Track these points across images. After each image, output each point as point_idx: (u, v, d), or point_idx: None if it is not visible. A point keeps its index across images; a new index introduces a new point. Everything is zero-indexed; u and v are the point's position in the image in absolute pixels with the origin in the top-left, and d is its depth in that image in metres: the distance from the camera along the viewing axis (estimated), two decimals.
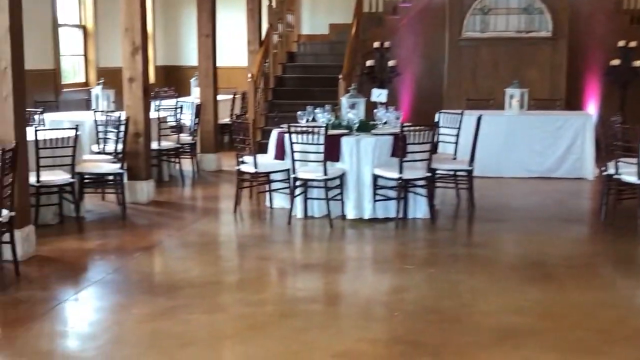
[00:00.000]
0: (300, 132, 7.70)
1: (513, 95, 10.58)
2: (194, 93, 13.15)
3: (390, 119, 8.44)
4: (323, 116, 8.34)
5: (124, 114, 8.67)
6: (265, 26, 13.16)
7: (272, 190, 8.35)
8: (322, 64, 13.82)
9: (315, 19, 15.53)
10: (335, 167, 7.85)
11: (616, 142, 7.56)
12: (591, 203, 8.91)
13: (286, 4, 13.95)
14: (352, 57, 12.26)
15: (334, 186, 7.84)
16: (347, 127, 8.18)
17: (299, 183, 7.79)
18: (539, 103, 11.29)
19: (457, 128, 8.92)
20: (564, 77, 12.38)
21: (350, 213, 7.93)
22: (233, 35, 15.01)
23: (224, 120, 12.97)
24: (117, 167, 7.94)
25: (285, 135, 7.86)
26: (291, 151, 7.74)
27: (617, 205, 7.66)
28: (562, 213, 8.31)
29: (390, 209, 7.92)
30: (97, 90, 10.48)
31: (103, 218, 8.09)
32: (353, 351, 4.51)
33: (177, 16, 16.31)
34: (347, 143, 7.90)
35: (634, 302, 5.50)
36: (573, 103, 12.52)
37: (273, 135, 8.32)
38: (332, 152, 7.82)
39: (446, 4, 12.81)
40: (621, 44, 12.66)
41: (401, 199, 7.79)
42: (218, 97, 12.24)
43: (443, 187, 8.64)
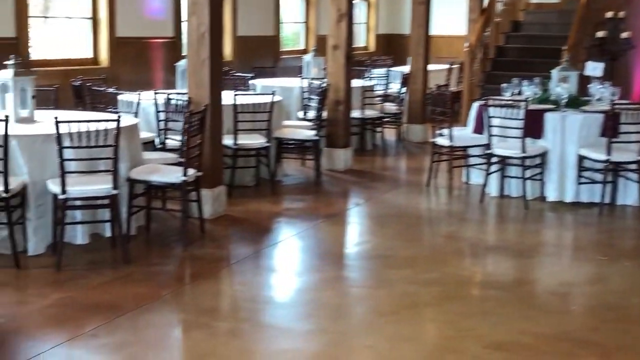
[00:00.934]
0: (499, 106, 7.27)
1: None
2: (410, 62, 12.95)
3: (604, 95, 7.72)
4: (529, 89, 7.83)
5: (326, 82, 8.72)
6: None
7: (469, 165, 8.00)
8: (549, 35, 13.01)
9: None
10: (536, 145, 7.34)
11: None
12: None
13: None
14: (581, 28, 11.41)
15: (534, 165, 7.34)
16: (554, 102, 7.60)
17: (496, 160, 7.38)
18: None
19: None
20: None
21: (550, 195, 7.39)
22: (452, 2, 14.55)
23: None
24: (313, 134, 8.01)
25: (485, 108, 7.47)
26: (489, 125, 7.33)
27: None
28: None
29: (595, 193, 7.27)
30: (309, 57, 10.64)
31: (298, 183, 8.23)
32: (510, 344, 4.17)
33: None
34: (552, 119, 7.34)
35: None
36: None
37: (474, 107, 7.95)
38: (534, 128, 7.31)
39: None
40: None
41: (609, 183, 7.13)
42: (433, 67, 12.03)
43: None
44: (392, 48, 15.83)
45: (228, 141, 7.34)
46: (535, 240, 6.32)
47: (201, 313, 4.50)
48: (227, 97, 7.29)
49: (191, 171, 5.84)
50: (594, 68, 8.26)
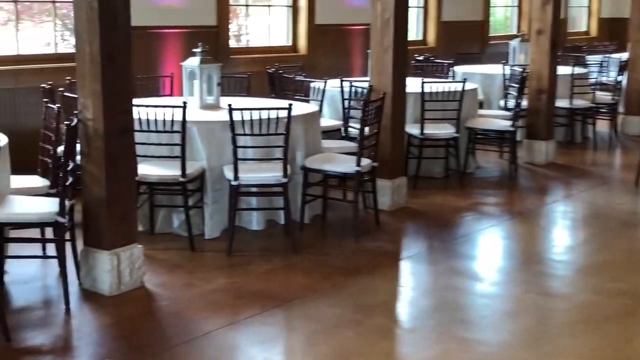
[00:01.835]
0: None
1: None
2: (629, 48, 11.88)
3: None
4: None
5: (528, 69, 8.19)
6: None
7: None
8: None
9: None
10: None
11: None
12: None
13: None
14: None
15: None
16: None
17: None
18: None
19: None
20: None
21: None
22: None
23: None
24: (508, 125, 7.54)
25: None
26: None
27: None
28: None
29: None
30: (515, 43, 10.08)
31: (490, 176, 7.81)
32: None
33: None
34: None
35: None
36: None
37: None
38: None
39: None
40: None
41: None
42: None
43: None
44: (616, 33, 14.65)
45: (414, 130, 7.11)
46: None
47: (357, 309, 4.34)
48: (416, 85, 7.06)
49: (365, 161, 5.68)
50: None
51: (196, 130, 5.40)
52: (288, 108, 5.08)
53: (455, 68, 9.67)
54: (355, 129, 6.63)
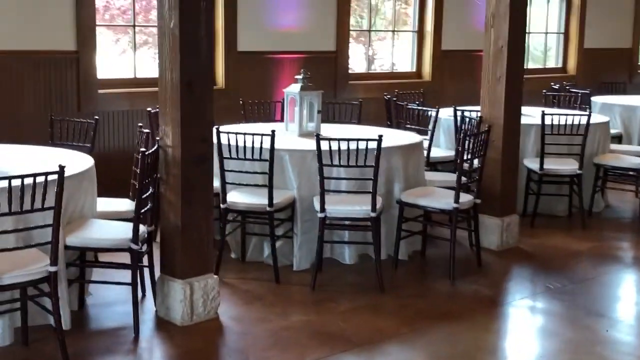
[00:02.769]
0: None
1: None
2: None
3: None
4: None
5: None
6: None
7: None
8: None
9: None
10: None
11: None
12: None
13: None
14: None
15: None
16: None
17: None
18: None
19: None
20: None
21: None
22: None
23: None
24: (638, 162, 6.91)
25: None
26: None
27: None
28: None
29: None
30: None
31: (620, 217, 7.19)
32: None
33: None
34: None
35: None
36: None
37: None
38: None
39: None
40: None
41: None
42: None
43: None
44: None
45: (533, 165, 6.66)
46: None
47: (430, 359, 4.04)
48: (536, 116, 6.63)
49: (466, 197, 5.34)
50: None
51: (288, 158, 5.28)
52: (378, 140, 4.85)
53: (593, 98, 9.04)
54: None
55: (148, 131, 4.88)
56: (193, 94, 4.26)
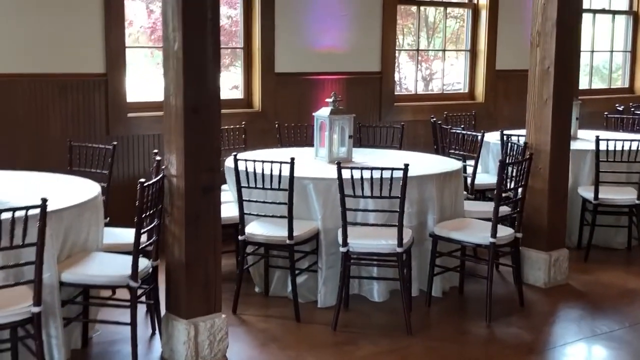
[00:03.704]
0: None
1: None
2: None
3: None
4: None
5: None
6: None
7: None
8: None
9: None
10: None
11: None
12: None
13: None
14: None
15: None
16: None
17: None
18: None
19: None
20: None
21: None
22: None
23: None
24: None
25: None
26: None
27: None
28: None
29: None
30: None
31: None
32: None
33: None
34: None
35: None
36: None
37: None
38: None
39: None
40: None
41: None
42: None
43: None
44: None
45: (588, 194, 6.16)
46: None
47: None
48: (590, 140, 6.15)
49: (506, 231, 4.90)
50: None
51: (312, 187, 4.94)
52: (404, 169, 4.47)
53: None
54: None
55: (160, 158, 4.61)
56: (198, 121, 3.97)
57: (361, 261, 4.82)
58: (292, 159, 4.67)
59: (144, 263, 4.04)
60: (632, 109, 8.75)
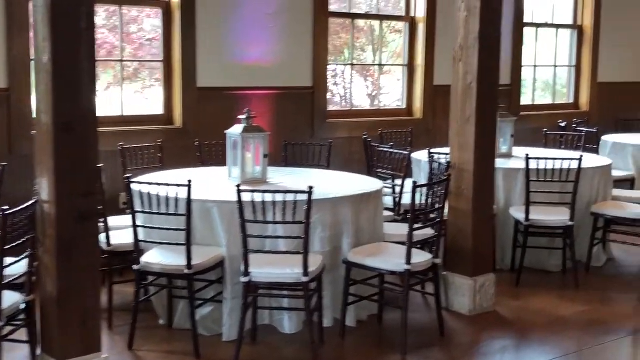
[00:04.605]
0: None
1: None
2: None
3: None
4: None
5: None
6: None
7: None
8: None
9: None
10: None
11: None
12: None
13: None
14: None
15: None
16: None
17: None
18: None
19: None
20: None
21: None
22: None
23: None
24: None
25: None
26: None
27: None
28: None
29: None
30: None
31: (623, 273, 6.35)
32: None
33: None
34: None
35: None
36: None
37: None
38: None
39: None
40: None
41: None
42: None
43: None
44: None
45: (519, 215, 5.88)
46: None
47: None
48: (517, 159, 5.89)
49: (422, 257, 4.59)
50: None
51: (216, 210, 4.58)
52: (308, 192, 4.13)
53: (605, 137, 8.22)
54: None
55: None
56: (71, 140, 3.60)
57: (266, 291, 4.47)
58: (190, 181, 4.31)
59: (13, 298, 3.66)
60: (574, 126, 8.53)
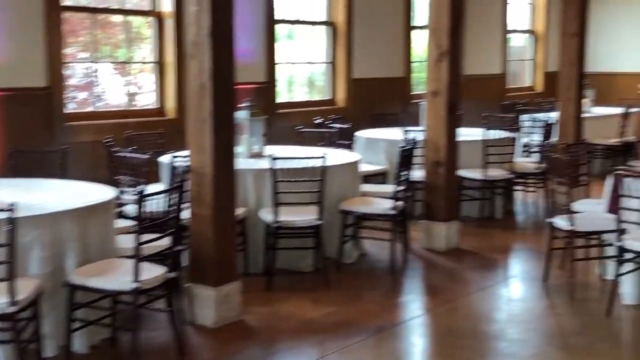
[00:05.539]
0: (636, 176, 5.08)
1: None
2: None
3: None
4: None
5: (422, 136, 6.89)
6: None
7: (598, 258, 5.79)
8: None
9: None
10: None
11: None
12: None
13: None
14: None
15: None
16: None
17: (631, 256, 5.14)
18: None
19: None
20: None
21: None
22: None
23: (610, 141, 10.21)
24: (388, 207, 6.14)
25: (620, 180, 5.27)
26: (619, 207, 5.12)
27: None
28: None
29: None
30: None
31: (372, 269, 6.40)
32: None
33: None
34: None
35: None
36: None
37: (608, 180, 5.73)
38: None
39: None
40: None
41: None
42: (606, 111, 10.22)
43: None
44: None
45: (268, 217, 5.73)
46: None
47: None
48: (268, 159, 5.75)
49: (154, 272, 4.27)
50: None
51: None
52: (9, 209, 3.66)
53: (358, 133, 8.34)
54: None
55: None
56: None
57: None
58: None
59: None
60: (329, 122, 8.60)
